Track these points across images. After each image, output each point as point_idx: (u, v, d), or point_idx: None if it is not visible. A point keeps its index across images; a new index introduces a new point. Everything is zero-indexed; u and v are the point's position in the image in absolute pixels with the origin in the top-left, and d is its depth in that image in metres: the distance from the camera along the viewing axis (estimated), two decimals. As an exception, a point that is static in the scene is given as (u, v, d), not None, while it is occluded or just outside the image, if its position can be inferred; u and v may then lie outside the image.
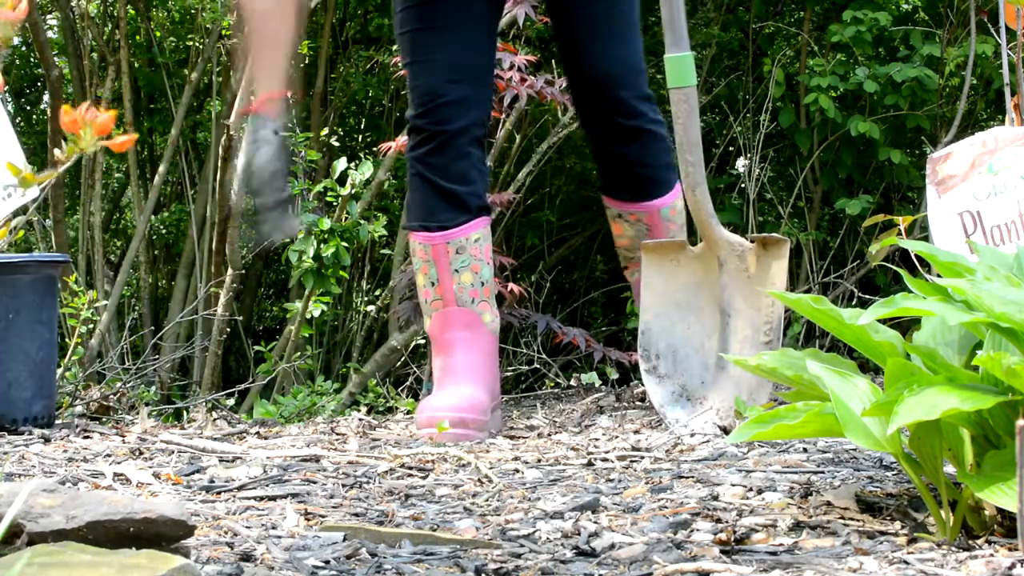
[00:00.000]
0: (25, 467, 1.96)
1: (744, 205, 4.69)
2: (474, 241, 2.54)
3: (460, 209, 2.54)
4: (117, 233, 6.70)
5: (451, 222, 2.53)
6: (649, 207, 2.72)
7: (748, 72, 4.92)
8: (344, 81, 5.76)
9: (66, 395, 3.02)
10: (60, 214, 5.02)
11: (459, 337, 2.53)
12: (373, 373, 4.24)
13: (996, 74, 4.39)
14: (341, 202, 3.82)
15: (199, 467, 1.98)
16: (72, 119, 1.79)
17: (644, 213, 2.73)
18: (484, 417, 2.42)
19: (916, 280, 1.45)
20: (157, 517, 1.19)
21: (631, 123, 2.63)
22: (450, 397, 2.41)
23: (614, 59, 2.62)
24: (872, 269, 4.47)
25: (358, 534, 1.46)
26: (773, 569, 1.27)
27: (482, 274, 2.56)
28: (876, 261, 2.34)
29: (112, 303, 5.04)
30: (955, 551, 1.31)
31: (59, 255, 3.09)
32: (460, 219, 2.54)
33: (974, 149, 2.11)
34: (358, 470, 1.97)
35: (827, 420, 1.41)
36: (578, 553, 1.39)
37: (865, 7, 4.47)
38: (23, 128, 6.22)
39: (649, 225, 2.73)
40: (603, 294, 5.49)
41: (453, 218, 2.53)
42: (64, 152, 1.88)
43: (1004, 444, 1.37)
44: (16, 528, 1.13)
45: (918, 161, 4.66)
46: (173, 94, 5.58)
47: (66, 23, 5.52)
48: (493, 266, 2.64)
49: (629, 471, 1.92)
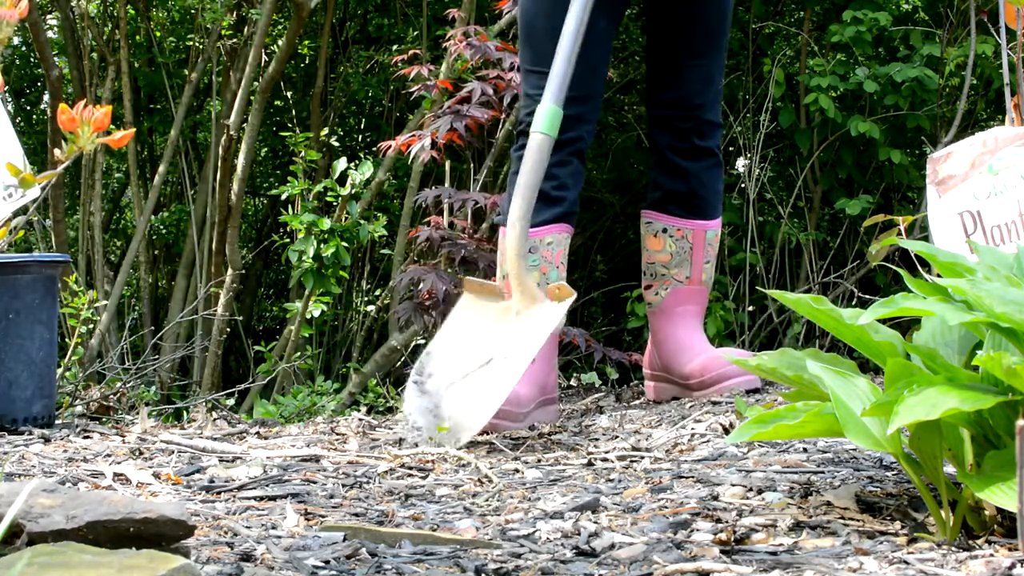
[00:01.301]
0: (25, 467, 1.96)
1: (744, 205, 4.69)
2: (547, 244, 2.63)
3: (543, 210, 2.60)
4: (117, 233, 6.71)
5: (532, 222, 2.57)
6: (700, 226, 2.82)
7: (748, 72, 4.92)
8: (344, 81, 5.77)
9: (66, 395, 3.02)
10: (60, 214, 5.02)
11: None
12: (373, 373, 4.24)
13: (996, 74, 4.39)
14: (341, 202, 3.83)
15: (199, 467, 1.98)
16: (70, 117, 1.79)
17: (692, 231, 2.81)
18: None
19: (916, 280, 1.45)
20: (157, 517, 1.19)
21: (705, 144, 2.79)
22: None
23: (704, 84, 2.78)
24: (872, 269, 4.47)
25: (358, 534, 1.46)
26: (773, 569, 1.27)
27: (548, 276, 2.64)
28: (876, 261, 2.34)
29: (112, 303, 5.04)
30: (955, 551, 1.31)
31: (59, 255, 3.09)
32: (539, 219, 2.60)
33: (974, 149, 2.11)
34: (358, 470, 1.97)
35: (827, 420, 1.41)
36: (578, 553, 1.39)
37: (865, 7, 4.47)
38: (23, 128, 6.22)
39: (693, 244, 2.81)
40: (603, 294, 5.49)
41: (535, 218, 2.58)
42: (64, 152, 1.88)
43: (1004, 444, 1.37)
44: (16, 528, 1.13)
45: (918, 161, 4.66)
46: (173, 94, 5.58)
47: (66, 23, 5.52)
48: (565, 273, 2.71)
49: (629, 471, 1.92)
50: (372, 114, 5.97)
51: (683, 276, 2.83)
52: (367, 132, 6.01)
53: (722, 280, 4.62)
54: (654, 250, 2.85)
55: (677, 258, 2.81)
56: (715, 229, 2.85)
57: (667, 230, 2.82)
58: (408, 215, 4.59)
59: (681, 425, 2.39)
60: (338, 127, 5.86)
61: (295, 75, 6.14)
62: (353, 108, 6.02)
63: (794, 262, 4.82)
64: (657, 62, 2.81)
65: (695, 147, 2.79)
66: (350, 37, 5.93)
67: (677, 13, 2.76)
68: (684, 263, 2.82)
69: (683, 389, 2.81)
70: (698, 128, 2.78)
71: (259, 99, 4.87)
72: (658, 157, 2.83)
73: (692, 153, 2.79)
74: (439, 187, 3.51)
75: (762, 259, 4.66)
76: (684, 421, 2.43)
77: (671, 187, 2.81)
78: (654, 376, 2.90)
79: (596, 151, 5.68)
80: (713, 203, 2.84)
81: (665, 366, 2.85)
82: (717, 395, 2.70)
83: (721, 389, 2.72)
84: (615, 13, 2.74)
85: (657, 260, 2.84)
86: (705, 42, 2.77)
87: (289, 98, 6.06)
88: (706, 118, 2.79)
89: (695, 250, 2.82)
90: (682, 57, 2.76)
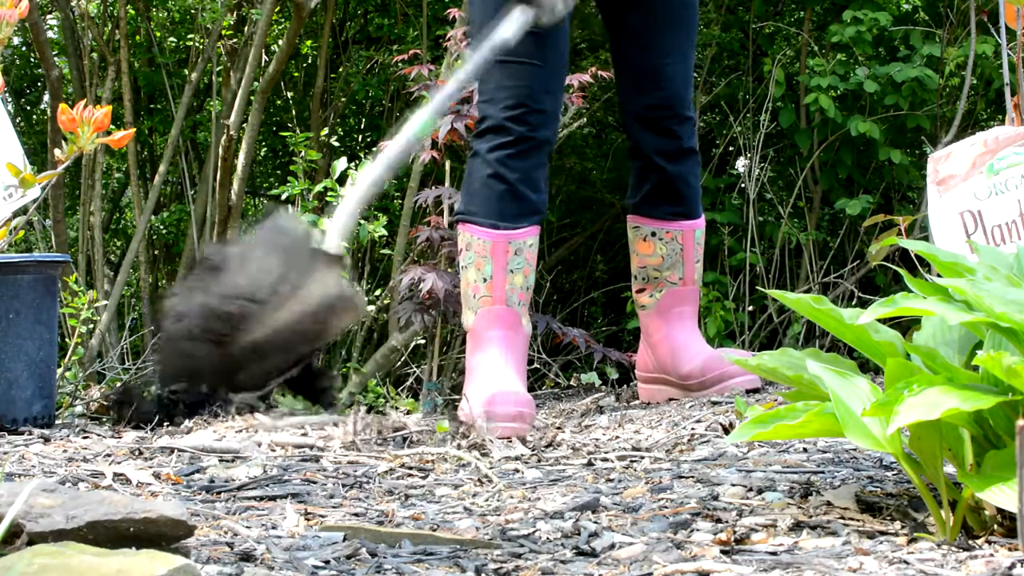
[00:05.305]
0: (25, 467, 1.96)
1: (744, 205, 4.69)
2: (528, 246, 2.63)
3: (528, 214, 2.63)
4: (117, 233, 6.70)
5: (518, 225, 2.61)
6: (688, 226, 2.82)
7: (748, 72, 4.91)
8: (344, 81, 5.76)
9: (66, 395, 3.02)
10: (60, 214, 5.01)
11: (503, 335, 2.58)
12: (373, 373, 4.24)
13: (996, 74, 4.39)
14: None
15: (199, 467, 1.98)
16: (70, 117, 1.79)
17: (681, 232, 2.81)
18: (534, 411, 2.48)
19: (916, 280, 1.44)
20: (157, 517, 1.19)
21: (690, 144, 2.80)
22: (507, 394, 2.45)
23: (685, 81, 2.78)
24: (872, 269, 4.46)
25: (358, 534, 1.46)
26: (773, 569, 1.27)
27: (529, 279, 2.65)
28: (876, 261, 2.34)
29: (112, 303, 5.04)
30: (955, 551, 1.31)
31: (59, 255, 3.09)
32: (525, 223, 2.62)
33: (975, 149, 2.11)
34: (358, 470, 1.97)
35: (827, 420, 1.41)
36: (578, 553, 1.39)
37: (865, 7, 4.47)
38: (23, 128, 6.22)
39: (684, 245, 2.81)
40: (603, 294, 5.49)
41: (520, 221, 2.61)
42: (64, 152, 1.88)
43: (1004, 444, 1.37)
44: (16, 528, 1.13)
45: (918, 161, 4.66)
46: (173, 94, 5.57)
47: (66, 23, 5.52)
48: None
49: (629, 471, 1.92)
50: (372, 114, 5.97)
51: (676, 278, 2.82)
52: (367, 132, 6.01)
53: (722, 280, 4.62)
54: (644, 254, 2.83)
55: (669, 260, 2.81)
56: (701, 228, 2.86)
57: (656, 233, 2.81)
58: (408, 215, 4.59)
59: (681, 425, 2.39)
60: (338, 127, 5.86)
61: (295, 75, 6.14)
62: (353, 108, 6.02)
63: (794, 262, 4.82)
64: (635, 61, 2.77)
65: (681, 149, 2.78)
66: (350, 37, 5.93)
67: (652, 7, 2.73)
68: (676, 265, 2.82)
69: (682, 390, 2.81)
70: (683, 127, 2.78)
71: (259, 99, 4.87)
72: (643, 162, 2.80)
73: (679, 155, 2.78)
74: (439, 187, 3.51)
75: (762, 259, 4.66)
76: (684, 421, 2.43)
77: (657, 191, 2.80)
78: (649, 379, 2.89)
79: (596, 151, 5.68)
80: (697, 202, 2.85)
81: (663, 368, 2.85)
82: (717, 395, 2.70)
83: (721, 389, 2.73)
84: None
85: (649, 264, 2.83)
86: (683, 35, 2.76)
87: (289, 98, 6.06)
88: (688, 115, 2.79)
89: (686, 251, 2.81)
90: (662, 54, 2.74)
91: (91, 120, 2.16)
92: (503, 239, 2.59)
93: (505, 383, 2.48)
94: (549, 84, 2.61)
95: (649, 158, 2.79)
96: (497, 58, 2.61)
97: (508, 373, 2.52)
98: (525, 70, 2.58)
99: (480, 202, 2.62)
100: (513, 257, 2.59)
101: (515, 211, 2.61)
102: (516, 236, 2.60)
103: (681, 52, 2.75)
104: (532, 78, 2.59)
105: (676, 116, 2.77)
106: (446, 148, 3.50)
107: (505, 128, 2.59)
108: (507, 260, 2.59)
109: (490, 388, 2.47)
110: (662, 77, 2.74)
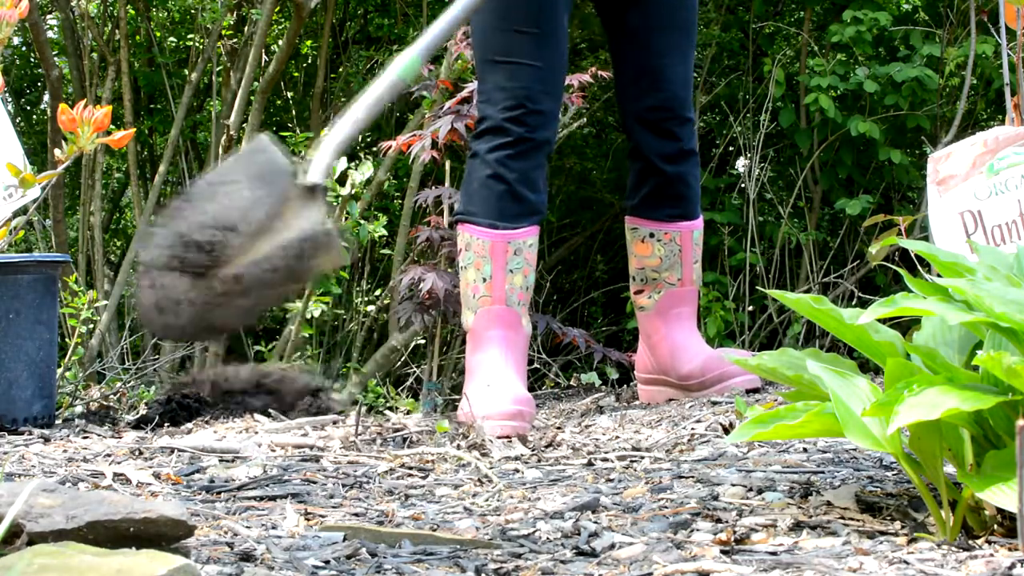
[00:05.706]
0: (25, 467, 1.96)
1: (744, 205, 4.69)
2: (528, 246, 2.63)
3: (528, 214, 2.63)
4: (117, 233, 6.70)
5: (517, 225, 2.61)
6: (687, 227, 2.82)
7: (748, 72, 4.92)
8: (344, 81, 5.76)
9: (66, 395, 3.02)
10: (60, 214, 5.02)
11: (503, 335, 2.59)
12: (373, 373, 4.24)
13: (996, 74, 4.39)
14: (341, 202, 3.82)
15: (199, 467, 1.98)
16: (70, 117, 1.79)
17: (679, 233, 2.81)
18: (533, 410, 2.49)
19: (916, 280, 1.44)
20: (157, 517, 1.19)
21: (690, 146, 2.80)
22: (507, 393, 2.45)
23: (685, 82, 2.78)
24: (872, 269, 4.47)
25: (358, 534, 1.46)
26: (773, 569, 1.27)
27: (528, 278, 2.65)
28: (876, 261, 2.34)
29: (112, 303, 5.04)
30: (955, 551, 1.31)
31: (59, 255, 3.09)
32: (524, 223, 2.62)
33: (975, 149, 2.11)
34: (358, 470, 1.97)
35: (827, 420, 1.41)
36: (578, 553, 1.39)
37: (865, 7, 4.47)
38: (23, 128, 6.22)
39: (682, 246, 2.81)
40: (603, 294, 5.49)
41: (520, 221, 2.61)
42: (64, 152, 1.88)
43: (1004, 444, 1.37)
44: (16, 528, 1.13)
45: (918, 161, 4.66)
46: (173, 94, 5.58)
47: (66, 23, 5.52)
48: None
49: (629, 471, 1.92)
50: (372, 114, 5.97)
51: (675, 279, 2.82)
52: (367, 132, 6.01)
53: (722, 280, 4.62)
54: (643, 255, 2.83)
55: (667, 261, 2.80)
56: (700, 229, 2.85)
57: (654, 234, 2.81)
58: (408, 215, 4.59)
59: (681, 425, 2.39)
60: (338, 127, 5.85)
61: (295, 75, 6.14)
62: (353, 108, 6.02)
63: (794, 262, 4.82)
64: (635, 62, 2.77)
65: (682, 150, 2.78)
66: (350, 37, 5.93)
67: (652, 7, 2.74)
68: (675, 266, 2.81)
69: (682, 390, 2.81)
70: (683, 129, 2.78)
71: (259, 99, 4.87)
72: (643, 164, 2.80)
73: (679, 156, 2.78)
74: (439, 187, 3.51)
75: (762, 259, 4.66)
76: (684, 421, 2.43)
77: (657, 192, 2.80)
78: (648, 380, 2.89)
79: (596, 151, 5.68)
80: (696, 203, 2.85)
81: (663, 368, 2.85)
82: (717, 395, 2.70)
83: (721, 389, 2.73)
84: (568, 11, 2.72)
85: (647, 265, 2.83)
86: (683, 36, 2.76)
87: (289, 98, 6.06)
88: (688, 116, 2.79)
89: (684, 252, 2.81)
90: (662, 54, 2.74)
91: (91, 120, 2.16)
92: (502, 239, 2.59)
93: (505, 383, 2.48)
94: (548, 85, 2.61)
95: (649, 160, 2.79)
96: (496, 59, 2.62)
97: (508, 373, 2.53)
98: (524, 71, 2.59)
99: (479, 202, 2.63)
100: (512, 257, 2.59)
101: (514, 211, 2.61)
102: (515, 236, 2.60)
103: (681, 52, 2.75)
104: (531, 79, 2.59)
105: (677, 118, 2.77)
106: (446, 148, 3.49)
107: (504, 129, 2.59)
108: (507, 260, 2.59)
109: (490, 388, 2.47)
110: (662, 78, 2.74)
